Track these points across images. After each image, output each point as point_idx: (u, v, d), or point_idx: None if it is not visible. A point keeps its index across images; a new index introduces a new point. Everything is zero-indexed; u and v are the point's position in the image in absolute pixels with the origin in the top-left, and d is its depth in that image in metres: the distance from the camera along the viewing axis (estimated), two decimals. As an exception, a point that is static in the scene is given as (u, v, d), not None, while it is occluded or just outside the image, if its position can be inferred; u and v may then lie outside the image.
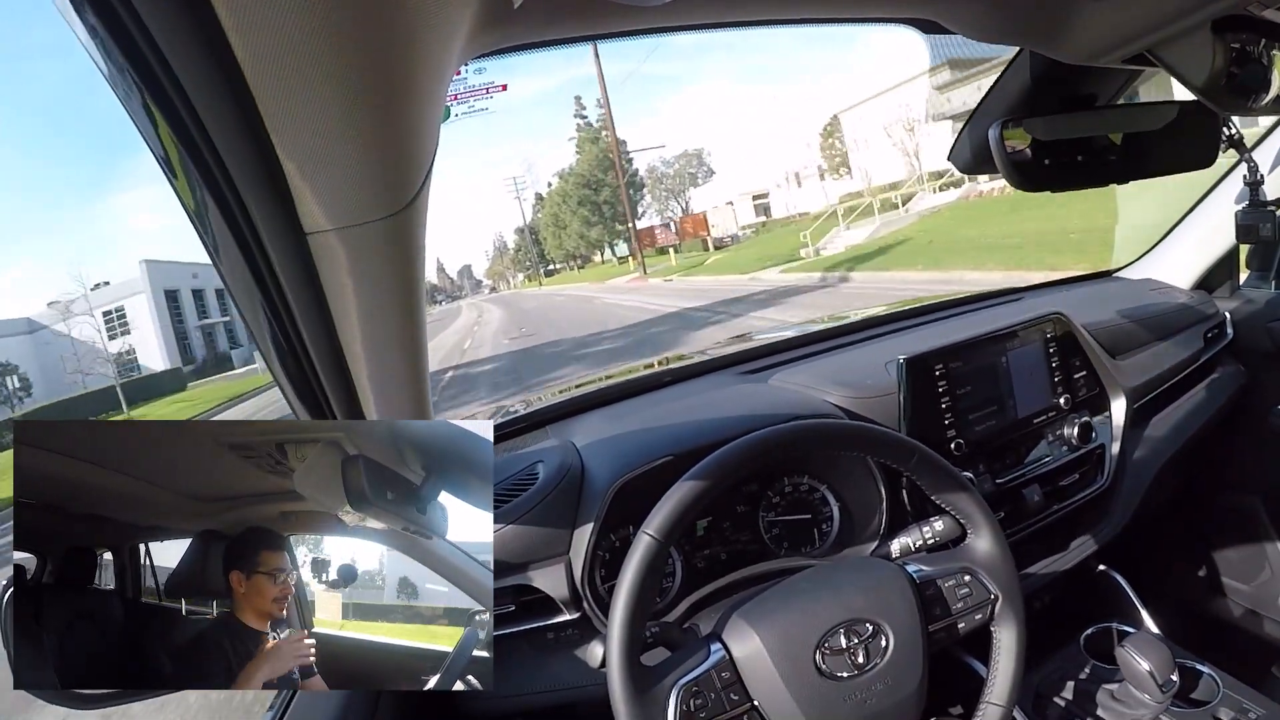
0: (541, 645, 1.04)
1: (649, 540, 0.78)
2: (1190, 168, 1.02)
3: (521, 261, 65.59)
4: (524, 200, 57.29)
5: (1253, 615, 1.65)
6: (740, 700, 0.78)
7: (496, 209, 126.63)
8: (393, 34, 0.38)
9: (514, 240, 67.75)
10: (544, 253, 54.31)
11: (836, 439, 0.90)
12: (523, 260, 64.34)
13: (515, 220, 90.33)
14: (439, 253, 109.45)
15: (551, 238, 49.14)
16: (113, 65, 0.37)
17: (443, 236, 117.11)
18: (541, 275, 57.16)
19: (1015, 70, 0.94)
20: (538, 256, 58.04)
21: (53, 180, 41.41)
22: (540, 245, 54.44)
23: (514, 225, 73.33)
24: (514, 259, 71.24)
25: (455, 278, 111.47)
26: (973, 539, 0.91)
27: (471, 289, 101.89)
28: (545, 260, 58.42)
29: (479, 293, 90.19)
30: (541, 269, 60.93)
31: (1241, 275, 1.72)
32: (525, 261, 63.53)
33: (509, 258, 75.97)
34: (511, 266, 76.25)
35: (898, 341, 1.50)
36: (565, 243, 46.25)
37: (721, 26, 0.74)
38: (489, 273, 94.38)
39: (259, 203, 0.45)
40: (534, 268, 59.95)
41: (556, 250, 50.48)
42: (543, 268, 60.46)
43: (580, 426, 1.27)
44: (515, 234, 64.87)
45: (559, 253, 50.83)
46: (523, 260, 64.34)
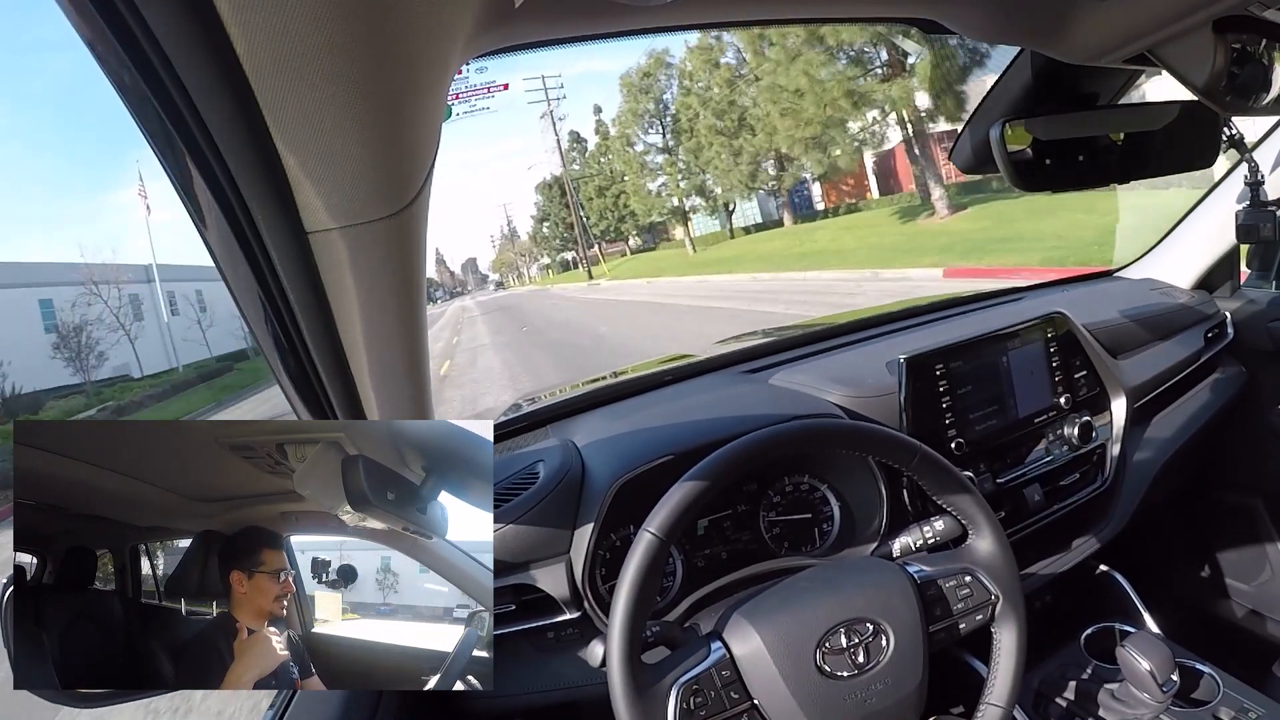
0: (542, 644, 1.04)
1: (650, 538, 0.78)
2: (1191, 168, 1.02)
3: (551, 237, 42.44)
4: (557, 119, 32.92)
5: (1253, 615, 1.65)
6: (740, 699, 0.78)
7: (506, 186, 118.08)
8: (394, 33, 0.38)
9: (539, 203, 41.70)
10: (584, 224, 32.99)
11: (839, 438, 0.90)
12: (554, 233, 41.19)
13: (523, 201, 73.14)
14: (439, 243, 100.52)
15: (604, 202, 31.25)
16: (114, 63, 0.37)
17: (447, 225, 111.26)
18: (585, 266, 34.13)
19: (1016, 70, 0.94)
20: (577, 229, 34.06)
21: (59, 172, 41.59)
22: (577, 212, 32.95)
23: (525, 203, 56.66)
24: (539, 236, 45.81)
25: (459, 272, 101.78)
26: (974, 540, 0.91)
27: (476, 284, 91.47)
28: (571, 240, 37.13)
29: (483, 289, 78.30)
30: (559, 255, 43.65)
31: (1242, 275, 1.72)
32: (556, 236, 41.28)
33: (528, 241, 52.96)
34: (531, 250, 53.52)
35: (898, 341, 1.50)
36: (642, 204, 27.61)
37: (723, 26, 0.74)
38: (495, 263, 77.80)
39: (260, 202, 0.45)
40: (579, 242, 35.33)
41: (611, 217, 31.77)
42: (567, 253, 41.32)
43: (581, 426, 1.27)
44: (540, 193, 40.10)
45: (606, 223, 32.21)
46: (554, 233, 41.19)
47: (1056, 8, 0.72)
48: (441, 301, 70.76)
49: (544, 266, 52.47)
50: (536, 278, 54.14)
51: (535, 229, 46.17)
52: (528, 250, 56.50)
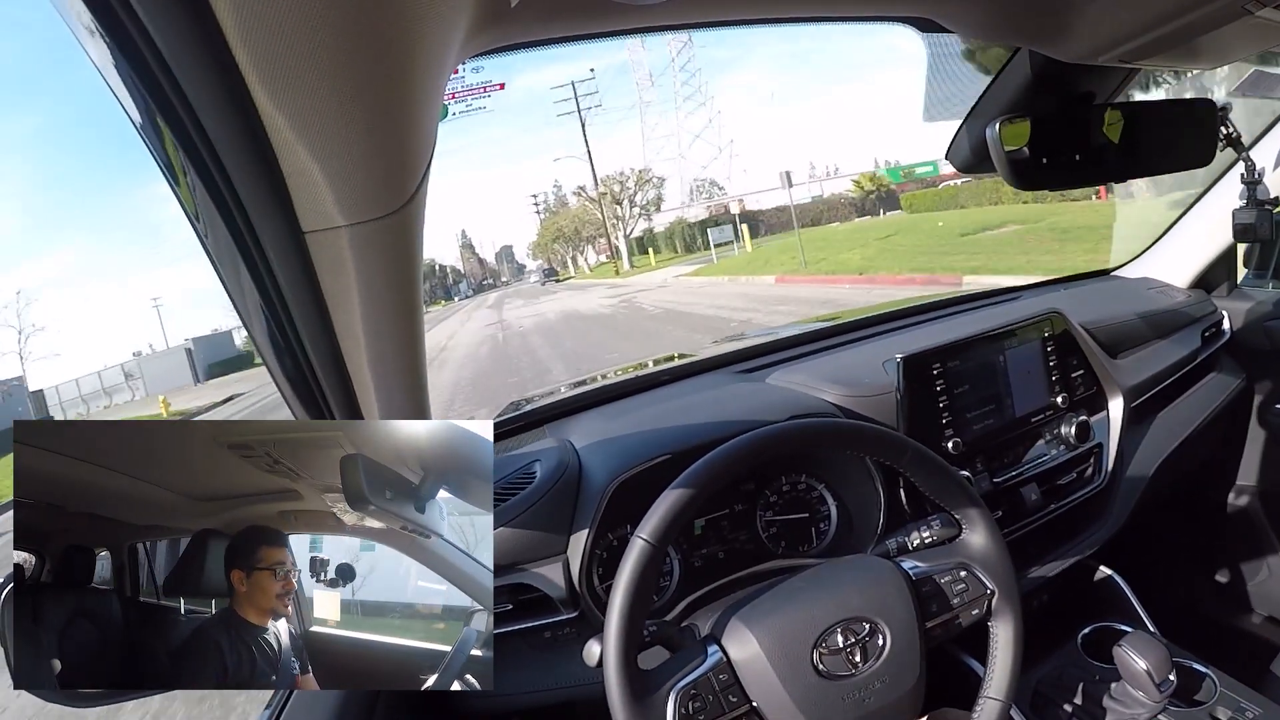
0: (539, 644, 1.04)
1: (643, 545, 0.78)
2: (1188, 166, 1.02)
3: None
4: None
5: (1251, 614, 1.65)
6: (739, 702, 0.78)
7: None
8: (390, 33, 0.38)
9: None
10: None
11: (829, 438, 0.90)
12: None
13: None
14: (465, 225, 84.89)
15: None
16: (110, 64, 0.37)
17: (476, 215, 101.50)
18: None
19: (1013, 68, 0.94)
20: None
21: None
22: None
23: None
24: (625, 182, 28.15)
25: (491, 260, 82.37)
26: (967, 534, 0.91)
27: (513, 275, 72.91)
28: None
29: (520, 281, 58.50)
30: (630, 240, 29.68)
31: (1239, 274, 1.72)
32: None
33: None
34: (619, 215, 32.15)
35: (895, 340, 1.50)
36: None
37: (718, 25, 0.74)
38: (538, 245, 54.48)
39: (256, 201, 0.45)
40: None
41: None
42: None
43: (578, 426, 1.27)
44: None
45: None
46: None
47: (1054, 7, 0.72)
48: (464, 296, 56.07)
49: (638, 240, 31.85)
50: (633, 264, 33.94)
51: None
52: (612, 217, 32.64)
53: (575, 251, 41.49)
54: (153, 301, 38.72)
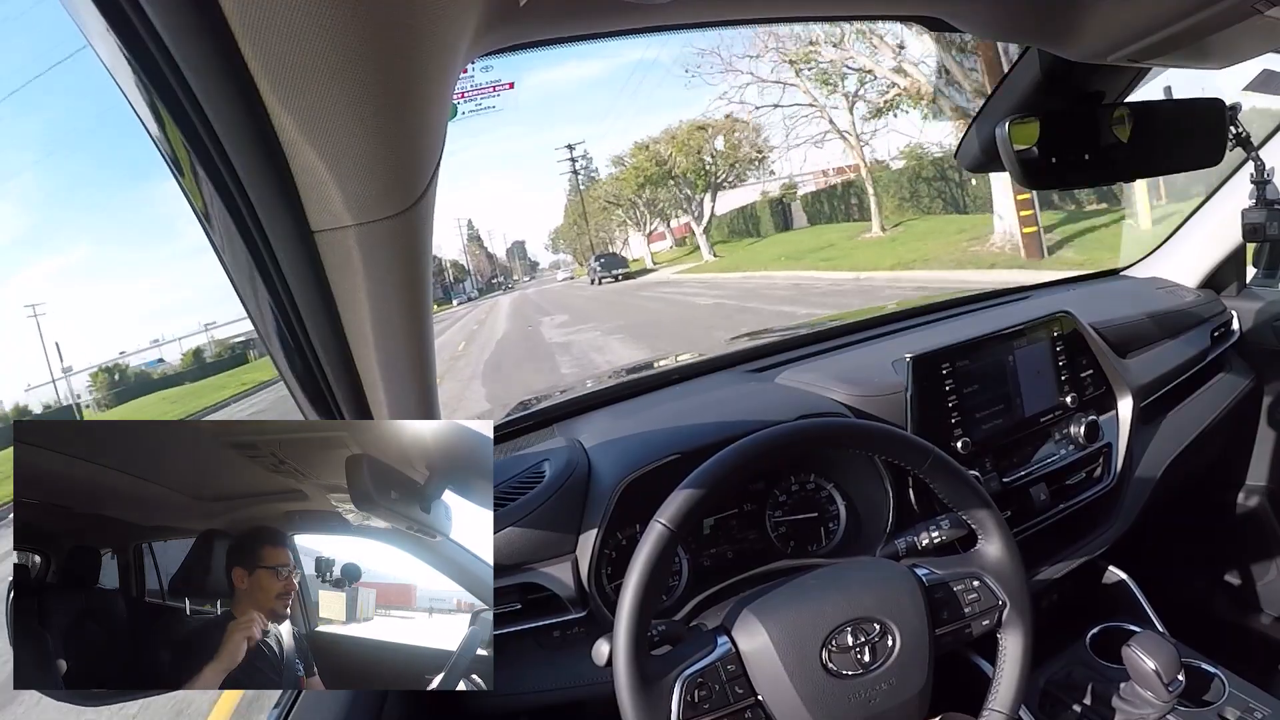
0: (548, 643, 1.03)
1: (661, 529, 0.78)
2: (1197, 165, 1.02)
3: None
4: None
5: (1260, 615, 1.64)
6: (745, 694, 0.78)
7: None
8: (400, 32, 0.38)
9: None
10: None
11: (854, 438, 0.90)
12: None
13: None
14: (474, 218, 72.56)
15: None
16: (120, 63, 0.37)
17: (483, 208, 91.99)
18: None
19: (1023, 68, 0.94)
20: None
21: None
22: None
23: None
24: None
25: (502, 257, 73.94)
26: (983, 544, 0.90)
27: (526, 272, 68.16)
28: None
29: (536, 279, 53.29)
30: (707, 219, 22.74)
31: (1249, 274, 1.71)
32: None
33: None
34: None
35: (904, 340, 1.49)
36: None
37: (728, 24, 0.74)
38: (562, 231, 46.32)
39: (266, 201, 0.45)
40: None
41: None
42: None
43: (587, 425, 1.27)
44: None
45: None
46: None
47: (1063, 6, 0.72)
48: (468, 298, 47.50)
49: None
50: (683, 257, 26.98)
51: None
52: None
53: (634, 228, 30.35)
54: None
